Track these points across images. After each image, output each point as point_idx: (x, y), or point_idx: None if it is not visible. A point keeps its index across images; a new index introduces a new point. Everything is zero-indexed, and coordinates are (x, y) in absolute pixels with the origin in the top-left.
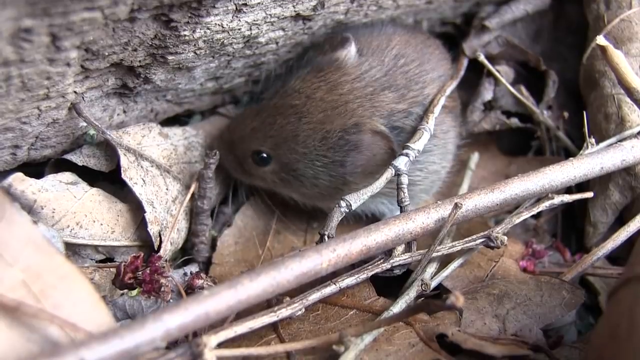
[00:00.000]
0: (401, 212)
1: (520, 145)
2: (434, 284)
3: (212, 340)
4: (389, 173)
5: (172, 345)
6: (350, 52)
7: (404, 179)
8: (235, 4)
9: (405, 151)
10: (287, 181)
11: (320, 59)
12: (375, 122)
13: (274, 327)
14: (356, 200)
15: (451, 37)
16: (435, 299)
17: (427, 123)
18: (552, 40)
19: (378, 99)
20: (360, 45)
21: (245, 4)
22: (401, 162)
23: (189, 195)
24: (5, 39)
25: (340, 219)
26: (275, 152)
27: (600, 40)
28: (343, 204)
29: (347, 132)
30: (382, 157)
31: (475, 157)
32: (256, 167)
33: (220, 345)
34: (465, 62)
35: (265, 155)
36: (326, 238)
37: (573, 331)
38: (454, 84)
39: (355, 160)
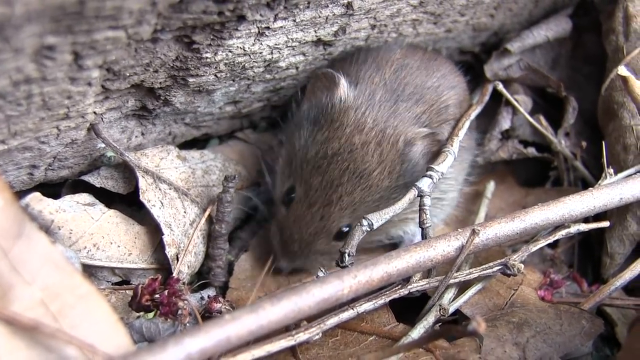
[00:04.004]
0: (422, 233)
1: (537, 175)
2: (451, 309)
3: None
4: (411, 194)
5: None
6: (343, 86)
7: (427, 201)
8: (258, 27)
9: (429, 173)
10: (371, 232)
11: (319, 109)
12: (415, 129)
13: (292, 352)
14: (378, 219)
15: (470, 66)
16: (454, 325)
17: (452, 146)
18: (569, 69)
19: (399, 111)
20: (353, 75)
21: (268, 28)
22: (424, 184)
23: (204, 219)
24: (28, 55)
25: (361, 237)
26: (353, 218)
27: (622, 70)
28: (365, 222)
29: (404, 154)
30: (433, 151)
31: (491, 186)
32: (342, 242)
33: None
34: (490, 88)
35: (346, 227)
36: (346, 256)
37: None
38: (478, 109)
39: (419, 171)
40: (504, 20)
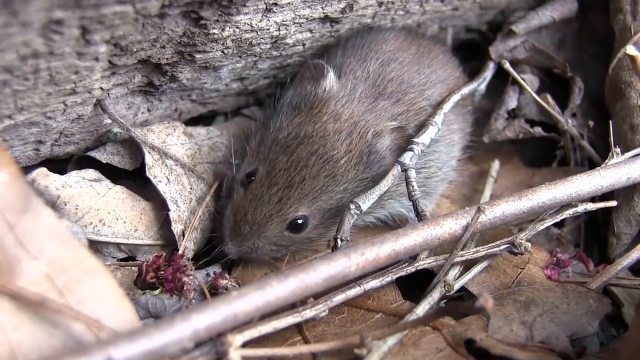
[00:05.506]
0: (414, 205)
1: (543, 155)
2: (457, 286)
3: (237, 339)
4: (395, 170)
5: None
6: (330, 79)
7: (412, 173)
8: (265, 3)
9: (410, 146)
10: (332, 224)
11: (302, 96)
12: (386, 122)
13: (299, 329)
14: (364, 200)
15: (476, 45)
16: (460, 302)
17: (434, 118)
18: (576, 49)
19: (377, 109)
20: (339, 66)
21: (276, 4)
22: (406, 157)
23: (209, 196)
24: (35, 30)
25: (352, 221)
26: (312, 208)
27: (630, 50)
28: (352, 206)
29: (372, 145)
30: (402, 147)
31: (496, 165)
32: (294, 236)
33: (245, 345)
34: (491, 65)
35: (301, 219)
36: (339, 242)
37: (595, 342)
38: (473, 85)
39: (387, 163)
40: None
